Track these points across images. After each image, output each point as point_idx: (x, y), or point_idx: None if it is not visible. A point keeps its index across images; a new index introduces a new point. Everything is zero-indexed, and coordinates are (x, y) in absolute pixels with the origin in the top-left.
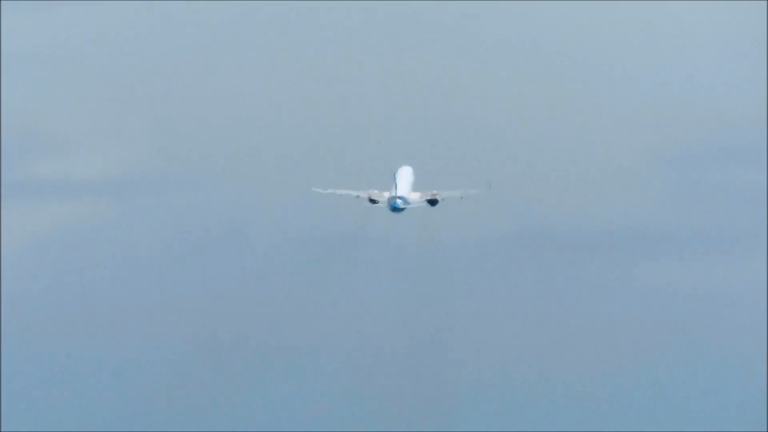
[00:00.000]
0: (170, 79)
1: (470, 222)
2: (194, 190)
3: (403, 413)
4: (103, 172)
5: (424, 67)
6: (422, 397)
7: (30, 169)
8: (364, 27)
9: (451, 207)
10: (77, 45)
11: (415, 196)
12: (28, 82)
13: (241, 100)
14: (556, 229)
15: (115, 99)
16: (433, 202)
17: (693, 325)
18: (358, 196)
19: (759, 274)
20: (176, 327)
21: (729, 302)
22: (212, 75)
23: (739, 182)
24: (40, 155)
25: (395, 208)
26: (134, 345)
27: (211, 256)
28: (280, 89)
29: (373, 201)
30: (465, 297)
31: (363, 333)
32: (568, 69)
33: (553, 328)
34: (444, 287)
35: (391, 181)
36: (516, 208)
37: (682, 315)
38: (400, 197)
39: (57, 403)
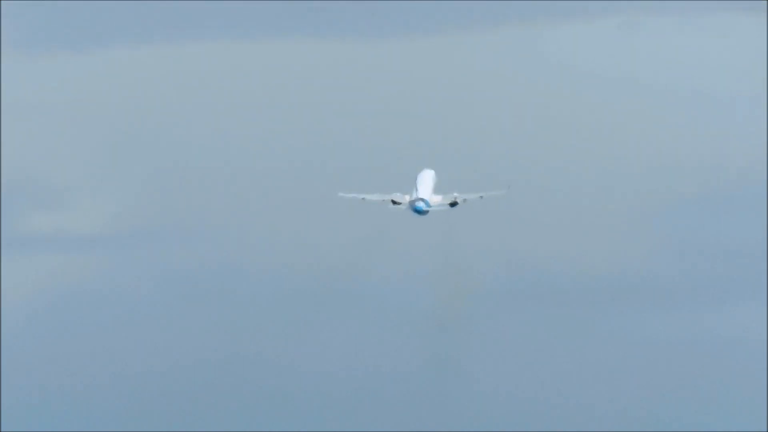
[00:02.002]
0: (168, 130)
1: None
2: (197, 238)
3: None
4: (100, 226)
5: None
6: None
7: (26, 223)
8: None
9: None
10: (74, 98)
11: (436, 199)
12: (24, 135)
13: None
14: (554, 279)
15: (112, 152)
16: (453, 204)
17: (691, 376)
18: (382, 201)
19: (759, 326)
20: (181, 378)
21: (729, 353)
22: (215, 116)
23: (740, 234)
24: (36, 209)
25: (418, 211)
26: (136, 395)
27: (214, 304)
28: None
29: (395, 203)
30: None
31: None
32: (567, 119)
33: (552, 376)
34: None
35: (413, 185)
36: (510, 264)
37: (680, 366)
38: (422, 200)
39: None
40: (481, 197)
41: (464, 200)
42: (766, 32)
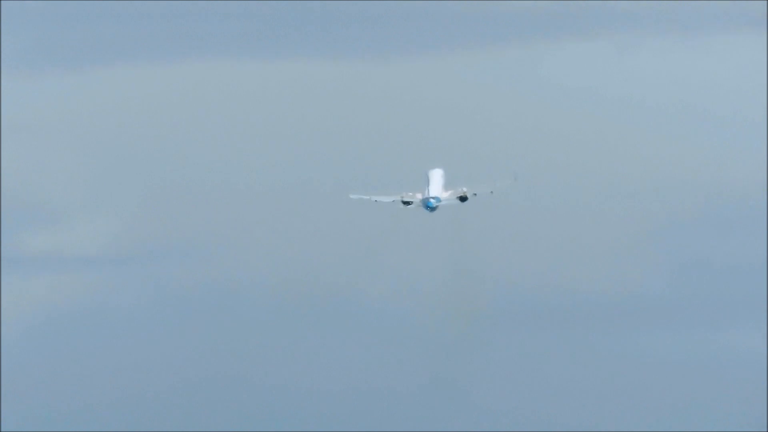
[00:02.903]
0: (169, 146)
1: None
2: (201, 253)
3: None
4: (99, 246)
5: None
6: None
7: (25, 243)
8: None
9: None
10: (73, 117)
11: (446, 195)
12: (24, 154)
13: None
14: (553, 298)
15: (111, 172)
16: (462, 199)
17: (690, 395)
18: (393, 201)
19: (759, 346)
20: (184, 398)
21: (728, 373)
22: (217, 129)
23: (739, 253)
24: (35, 228)
25: (429, 207)
26: (136, 415)
27: (215, 321)
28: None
29: (405, 203)
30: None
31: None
32: (565, 139)
33: (552, 395)
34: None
35: (423, 183)
36: (511, 282)
37: (679, 386)
38: (433, 197)
39: None
40: (491, 192)
41: (474, 194)
42: (766, 53)
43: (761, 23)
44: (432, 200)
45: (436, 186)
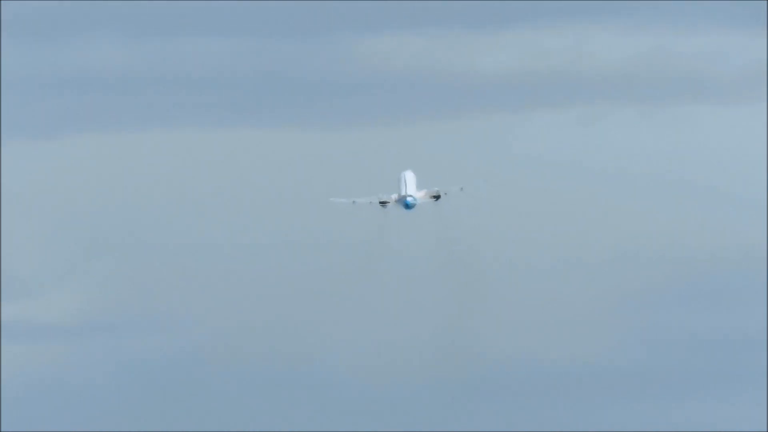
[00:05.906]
0: (141, 216)
1: None
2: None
3: None
4: (70, 317)
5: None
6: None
7: None
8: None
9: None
10: (41, 187)
11: (420, 194)
12: None
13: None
14: (544, 369)
15: (80, 242)
16: (436, 197)
17: None
18: (371, 202)
19: (759, 418)
20: None
21: None
22: (191, 196)
23: (737, 323)
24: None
25: (407, 206)
26: None
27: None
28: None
29: (383, 203)
30: None
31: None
32: (534, 212)
33: None
34: None
35: (397, 185)
36: (497, 349)
37: None
38: (410, 195)
39: None
40: (462, 189)
41: (445, 193)
42: (766, 123)
43: (758, 94)
44: (409, 198)
45: (411, 186)
